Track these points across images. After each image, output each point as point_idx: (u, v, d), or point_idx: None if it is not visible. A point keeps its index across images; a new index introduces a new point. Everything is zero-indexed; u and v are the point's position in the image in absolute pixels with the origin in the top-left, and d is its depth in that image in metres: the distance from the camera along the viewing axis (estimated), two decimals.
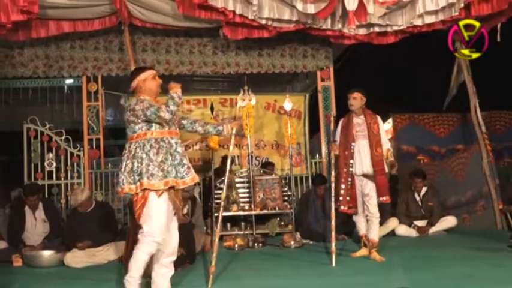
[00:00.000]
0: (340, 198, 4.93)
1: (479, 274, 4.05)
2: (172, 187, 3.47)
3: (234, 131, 4.14)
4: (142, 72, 3.71)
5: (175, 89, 3.65)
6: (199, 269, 4.65)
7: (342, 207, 4.95)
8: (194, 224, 5.72)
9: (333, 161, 5.21)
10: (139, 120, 3.47)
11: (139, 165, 3.39)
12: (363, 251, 5.03)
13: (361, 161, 4.91)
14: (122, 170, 3.46)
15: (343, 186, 4.94)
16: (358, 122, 5.01)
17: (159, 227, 3.39)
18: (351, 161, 4.91)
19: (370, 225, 4.98)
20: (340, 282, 4.07)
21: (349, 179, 4.93)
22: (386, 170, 4.92)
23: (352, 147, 4.92)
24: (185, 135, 7.84)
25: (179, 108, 3.60)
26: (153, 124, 3.50)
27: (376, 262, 4.72)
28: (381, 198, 4.89)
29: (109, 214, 5.61)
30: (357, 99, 4.99)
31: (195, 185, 7.75)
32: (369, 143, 4.90)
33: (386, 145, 4.99)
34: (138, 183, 3.38)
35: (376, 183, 4.88)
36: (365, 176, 4.93)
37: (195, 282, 4.20)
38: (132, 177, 3.40)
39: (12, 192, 8.82)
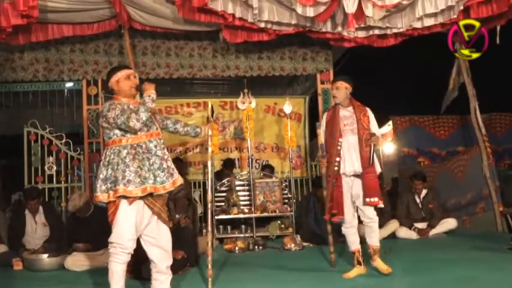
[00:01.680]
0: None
1: (479, 277, 4.05)
2: (150, 194, 3.37)
3: (209, 133, 4.03)
4: (116, 72, 3.54)
5: (149, 91, 3.46)
6: (201, 272, 4.65)
7: (325, 215, 4.43)
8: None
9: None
10: (112, 127, 3.37)
11: (113, 172, 3.30)
12: (356, 270, 4.29)
13: (351, 159, 4.27)
14: (97, 177, 3.39)
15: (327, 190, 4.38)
16: (346, 114, 4.36)
17: (128, 238, 3.32)
18: (337, 159, 4.28)
19: (369, 232, 4.32)
20: (341, 285, 4.07)
21: (334, 180, 4.30)
22: (378, 170, 4.32)
23: (339, 143, 4.29)
24: (185, 138, 7.89)
25: (178, 112, 3.54)
26: None
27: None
28: (368, 200, 4.20)
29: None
30: (340, 90, 4.34)
31: (194, 187, 7.84)
32: (359, 138, 4.26)
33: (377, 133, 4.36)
34: (111, 191, 3.28)
35: (364, 183, 4.23)
36: (356, 176, 4.30)
37: (196, 286, 4.20)
38: (106, 185, 3.31)
39: (13, 195, 8.84)
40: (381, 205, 4.28)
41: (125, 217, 3.32)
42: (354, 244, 4.36)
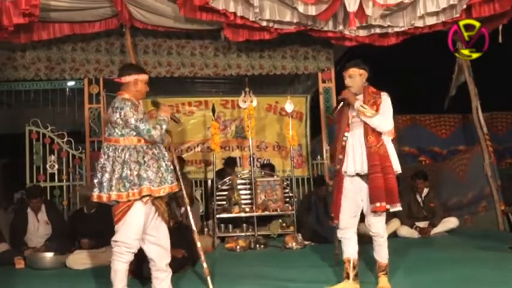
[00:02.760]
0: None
1: (481, 276, 4.05)
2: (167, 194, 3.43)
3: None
4: (140, 73, 3.59)
5: (166, 114, 3.56)
6: (201, 271, 4.65)
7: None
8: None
9: None
10: (127, 126, 3.36)
11: (130, 171, 3.29)
12: (342, 286, 3.78)
13: (354, 157, 3.72)
14: (107, 176, 3.31)
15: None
16: (356, 104, 3.79)
17: (134, 237, 3.34)
18: (340, 157, 3.79)
19: (375, 245, 3.80)
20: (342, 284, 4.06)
21: (332, 181, 3.97)
22: (395, 168, 3.72)
23: (344, 138, 3.78)
24: (186, 137, 7.90)
25: (180, 111, 3.52)
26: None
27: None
28: (372, 206, 3.62)
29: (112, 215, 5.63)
30: (354, 78, 3.80)
31: (195, 186, 7.84)
32: (364, 130, 3.70)
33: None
34: (132, 191, 3.27)
35: (369, 185, 3.66)
36: (361, 177, 3.75)
37: (197, 284, 4.21)
38: (122, 185, 3.28)
39: (15, 194, 8.86)
40: (396, 208, 3.70)
41: (136, 217, 3.33)
42: (346, 252, 3.81)
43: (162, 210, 3.50)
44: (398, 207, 3.72)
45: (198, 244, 4.02)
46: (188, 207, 4.03)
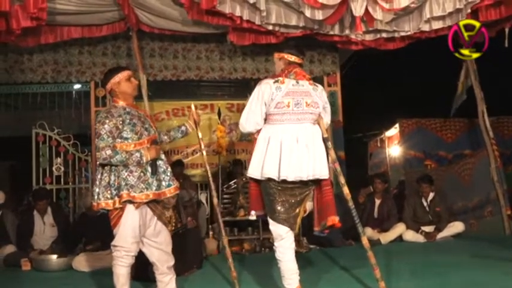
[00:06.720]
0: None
1: (486, 281, 4.03)
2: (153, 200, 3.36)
3: (194, 128, 3.93)
4: (116, 74, 3.43)
5: (151, 155, 3.34)
6: (206, 274, 4.66)
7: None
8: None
9: None
10: None
11: (117, 178, 3.25)
12: None
13: None
14: (97, 183, 3.30)
15: None
16: None
17: (132, 241, 3.31)
18: None
19: None
20: None
21: None
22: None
23: None
24: (191, 140, 7.88)
25: (185, 114, 3.42)
26: (129, 135, 3.32)
27: (384, 268, 4.65)
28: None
29: None
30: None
31: (200, 189, 7.84)
32: None
33: None
34: (117, 198, 3.23)
35: None
36: None
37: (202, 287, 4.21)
38: (109, 192, 3.25)
39: (26, 196, 8.91)
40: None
41: (130, 220, 3.30)
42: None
43: (159, 213, 3.44)
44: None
45: (226, 248, 4.02)
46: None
